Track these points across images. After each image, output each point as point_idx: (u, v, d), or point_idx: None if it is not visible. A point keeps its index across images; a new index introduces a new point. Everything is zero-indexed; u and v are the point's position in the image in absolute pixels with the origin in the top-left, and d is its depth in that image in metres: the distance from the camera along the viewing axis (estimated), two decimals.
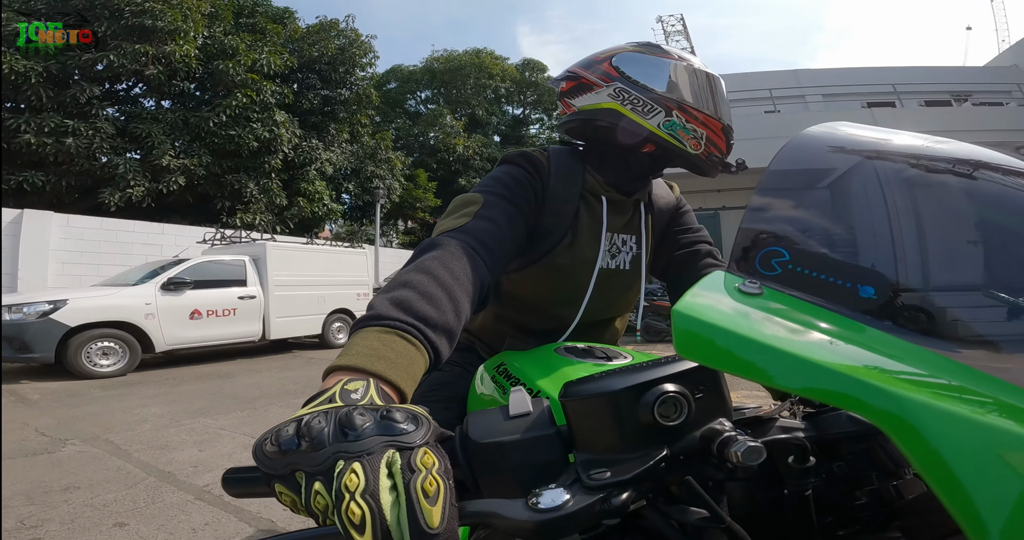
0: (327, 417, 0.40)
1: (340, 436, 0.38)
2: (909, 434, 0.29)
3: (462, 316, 0.64)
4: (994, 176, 0.46)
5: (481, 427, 0.44)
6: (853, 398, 0.31)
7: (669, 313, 0.49)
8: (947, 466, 0.28)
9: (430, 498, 0.36)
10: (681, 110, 0.91)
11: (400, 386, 0.52)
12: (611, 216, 1.00)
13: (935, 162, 0.48)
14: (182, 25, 12.11)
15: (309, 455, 0.38)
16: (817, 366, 0.32)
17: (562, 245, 0.95)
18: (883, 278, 0.39)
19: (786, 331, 0.35)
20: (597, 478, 0.39)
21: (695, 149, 0.93)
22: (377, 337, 0.55)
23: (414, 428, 0.40)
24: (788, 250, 0.40)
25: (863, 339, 0.35)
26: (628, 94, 0.92)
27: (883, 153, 0.50)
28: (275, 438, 0.39)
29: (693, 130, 0.92)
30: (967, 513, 0.27)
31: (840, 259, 0.41)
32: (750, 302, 0.38)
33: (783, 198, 0.46)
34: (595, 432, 0.42)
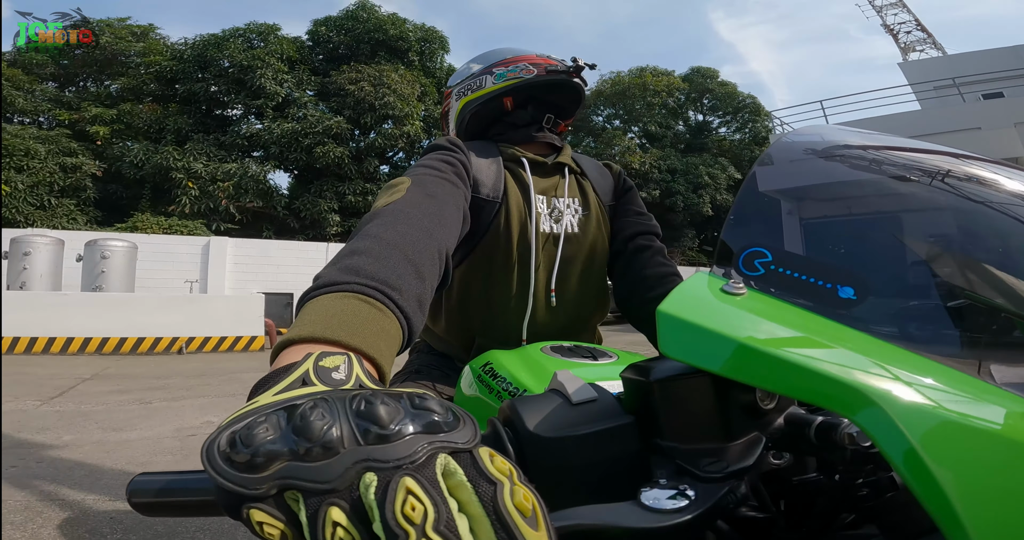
0: (333, 406, 0.28)
1: (362, 436, 0.27)
2: (886, 432, 0.29)
3: (427, 283, 0.56)
4: (971, 179, 0.46)
5: (542, 419, 0.37)
6: (833, 397, 0.31)
7: None
8: (923, 464, 0.28)
9: (530, 520, 0.25)
10: (497, 65, 1.08)
11: (381, 364, 0.41)
12: (537, 178, 1.02)
13: (915, 166, 0.49)
14: (408, 109, 17.24)
15: (314, 465, 0.26)
16: (798, 366, 0.33)
17: (499, 216, 0.96)
18: (862, 279, 0.39)
19: (769, 332, 0.36)
20: (713, 469, 0.35)
21: (530, 74, 1.04)
22: (335, 303, 0.44)
23: (458, 423, 0.29)
24: (771, 251, 0.41)
25: (843, 339, 0.35)
26: (463, 87, 1.12)
27: (865, 157, 0.51)
28: (247, 438, 0.27)
29: (516, 67, 1.05)
30: (943, 511, 0.27)
31: (820, 260, 0.41)
32: (734, 303, 0.38)
33: (766, 199, 0.46)
34: (691, 417, 0.38)
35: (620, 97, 25.28)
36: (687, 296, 0.40)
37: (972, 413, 0.30)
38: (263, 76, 16.90)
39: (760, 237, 0.43)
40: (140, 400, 4.69)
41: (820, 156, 0.51)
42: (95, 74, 19.67)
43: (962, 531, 0.27)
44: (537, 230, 0.98)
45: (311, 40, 19.91)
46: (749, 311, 0.38)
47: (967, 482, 0.28)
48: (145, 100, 18.35)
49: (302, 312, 0.44)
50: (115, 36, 18.77)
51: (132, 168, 15.87)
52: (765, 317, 0.37)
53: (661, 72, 25.53)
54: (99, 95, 18.94)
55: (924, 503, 0.28)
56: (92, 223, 15.13)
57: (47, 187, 14.45)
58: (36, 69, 17.96)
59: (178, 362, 7.53)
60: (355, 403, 0.28)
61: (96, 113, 17.08)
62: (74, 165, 15.17)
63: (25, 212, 13.71)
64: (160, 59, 18.20)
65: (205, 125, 17.74)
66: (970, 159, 0.49)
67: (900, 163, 0.51)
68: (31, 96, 17.02)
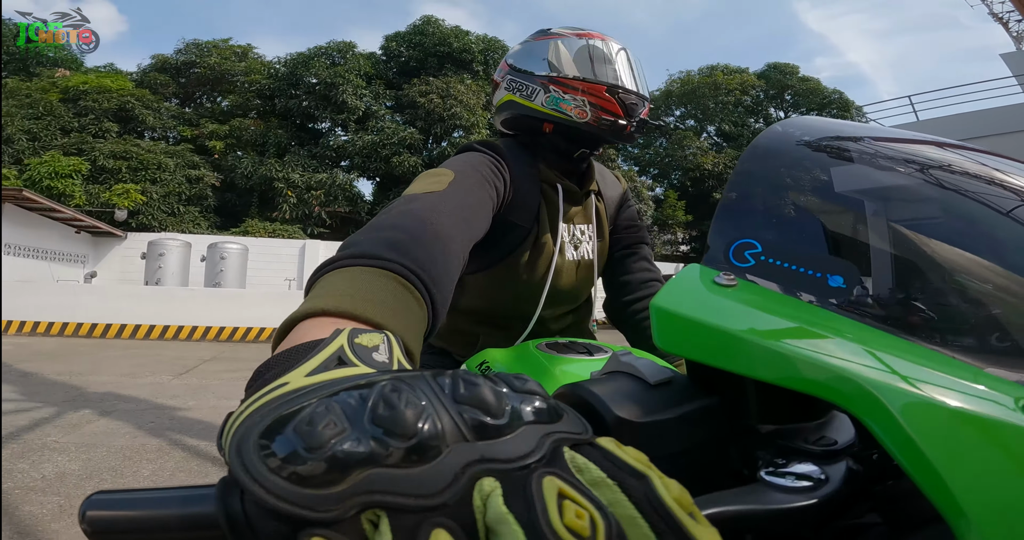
0: (417, 390, 0.21)
1: (467, 429, 0.20)
2: (883, 421, 0.29)
3: (454, 282, 0.52)
4: (968, 170, 0.46)
5: (627, 402, 0.33)
6: (828, 386, 0.31)
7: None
8: (921, 453, 0.28)
9: (691, 514, 0.20)
10: (557, 83, 0.94)
11: (414, 352, 0.37)
12: (567, 206, 1.00)
13: (908, 156, 0.49)
14: (474, 119, 18.16)
15: (412, 472, 0.19)
16: (791, 356, 0.32)
17: (528, 240, 0.95)
18: (851, 267, 0.39)
19: (761, 322, 0.36)
20: (825, 443, 0.34)
21: (581, 117, 0.93)
22: (376, 280, 0.40)
23: (562, 409, 0.24)
24: (760, 242, 0.40)
25: (834, 328, 0.35)
26: (516, 82, 0.99)
27: (856, 146, 0.51)
28: (308, 434, 0.19)
29: (573, 99, 0.93)
30: (945, 500, 0.27)
31: (810, 250, 0.41)
32: (726, 294, 0.38)
33: (755, 190, 0.46)
34: (781, 396, 0.34)
35: (689, 97, 24.80)
36: (680, 289, 0.40)
37: (970, 401, 0.29)
38: (344, 92, 18.68)
39: (750, 228, 0.43)
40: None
41: (810, 146, 0.51)
42: (208, 92, 22.52)
43: (965, 519, 0.27)
44: (561, 259, 0.99)
45: (384, 55, 21.58)
46: (741, 302, 0.38)
47: (968, 470, 0.27)
48: (250, 115, 20.80)
49: (326, 281, 0.38)
50: (221, 56, 21.42)
51: (243, 178, 18.20)
52: (757, 308, 0.37)
53: (733, 70, 24.73)
54: (213, 111, 21.72)
55: (926, 492, 0.28)
56: (212, 228, 17.49)
57: (176, 196, 16.95)
58: (160, 89, 20.85)
59: None
60: (450, 385, 0.21)
61: (212, 129, 19.69)
62: (197, 177, 17.66)
63: (159, 218, 16.21)
64: (259, 78, 20.61)
65: (300, 138, 19.88)
66: (968, 150, 0.49)
67: (892, 152, 0.50)
68: (158, 114, 19.74)
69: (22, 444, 3.16)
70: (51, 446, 3.16)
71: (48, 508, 2.29)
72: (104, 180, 16.00)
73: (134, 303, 10.11)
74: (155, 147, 17.90)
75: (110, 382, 5.27)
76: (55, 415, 3.89)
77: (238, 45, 22.45)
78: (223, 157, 19.31)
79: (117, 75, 20.57)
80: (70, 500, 2.40)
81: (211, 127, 19.77)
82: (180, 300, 10.37)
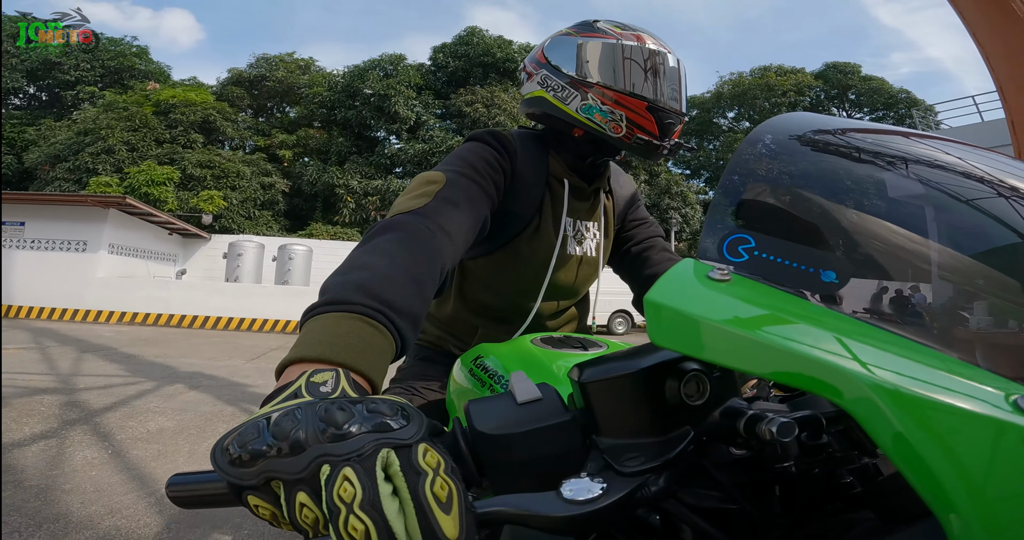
0: (303, 413, 0.35)
1: (321, 436, 0.33)
2: (873, 415, 0.29)
3: (426, 302, 0.59)
4: (959, 166, 0.46)
5: (489, 417, 0.40)
6: (819, 381, 0.31)
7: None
8: (912, 447, 0.28)
9: (444, 505, 0.32)
10: (596, 92, 0.89)
11: (371, 377, 0.46)
12: (572, 201, 0.99)
13: (901, 152, 0.49)
14: (516, 126, 19.52)
15: (286, 460, 0.33)
16: (783, 351, 0.33)
17: (528, 230, 0.95)
18: (843, 263, 0.39)
19: (755, 317, 0.36)
20: (630, 464, 0.37)
21: (616, 132, 0.89)
22: (338, 322, 0.49)
23: (405, 422, 0.36)
24: (753, 237, 0.41)
25: (827, 323, 0.35)
26: (551, 81, 0.93)
27: (847, 142, 0.51)
28: (239, 441, 0.34)
29: (611, 112, 0.89)
30: (935, 494, 0.28)
31: (802, 245, 0.41)
32: (720, 289, 0.38)
33: (749, 185, 0.46)
34: (620, 415, 0.39)
35: (740, 99, 24.28)
36: (674, 284, 0.40)
37: (960, 396, 0.29)
38: (397, 103, 19.93)
39: (743, 223, 0.43)
40: None
41: (803, 142, 0.50)
42: (278, 103, 24.50)
43: (955, 513, 0.27)
44: (563, 252, 0.99)
45: (433, 65, 22.69)
46: (734, 297, 0.38)
47: (958, 465, 0.28)
48: (314, 125, 22.47)
49: (307, 328, 0.48)
50: (287, 70, 23.26)
51: (308, 185, 19.84)
52: (750, 303, 0.38)
53: (788, 70, 23.99)
54: (282, 121, 23.63)
55: (916, 487, 0.28)
56: (283, 230, 19.24)
57: (252, 202, 18.74)
58: (236, 101, 22.91)
59: None
60: (319, 410, 0.35)
61: (282, 139, 21.50)
62: (269, 183, 19.45)
63: (238, 222, 18.01)
64: (320, 89, 22.26)
65: (358, 146, 21.36)
66: (958, 145, 0.49)
67: (886, 148, 0.50)
68: (236, 125, 21.78)
69: (132, 408, 4.11)
70: (153, 410, 4.09)
71: (150, 453, 3.14)
72: (192, 187, 17.96)
73: (216, 298, 11.63)
74: (234, 156, 19.86)
75: (197, 364, 6.38)
76: (155, 388, 4.91)
77: (301, 59, 24.38)
78: (291, 165, 21.05)
79: (200, 89, 22.83)
80: (166, 447, 3.24)
81: (281, 137, 21.62)
82: (254, 296, 11.79)
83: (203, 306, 11.52)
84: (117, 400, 4.34)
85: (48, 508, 2.27)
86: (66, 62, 23.04)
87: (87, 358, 6.39)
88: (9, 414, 3.63)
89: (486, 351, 0.78)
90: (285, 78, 23.01)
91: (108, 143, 18.03)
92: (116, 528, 2.14)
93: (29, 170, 19.71)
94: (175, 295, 11.67)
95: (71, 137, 18.94)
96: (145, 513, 2.29)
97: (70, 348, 7.08)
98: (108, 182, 16.81)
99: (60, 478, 2.61)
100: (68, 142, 18.78)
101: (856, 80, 24.16)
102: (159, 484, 2.63)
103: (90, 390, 4.62)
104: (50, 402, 4.09)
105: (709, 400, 0.40)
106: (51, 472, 2.69)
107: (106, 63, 23.69)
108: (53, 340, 7.78)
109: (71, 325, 10.27)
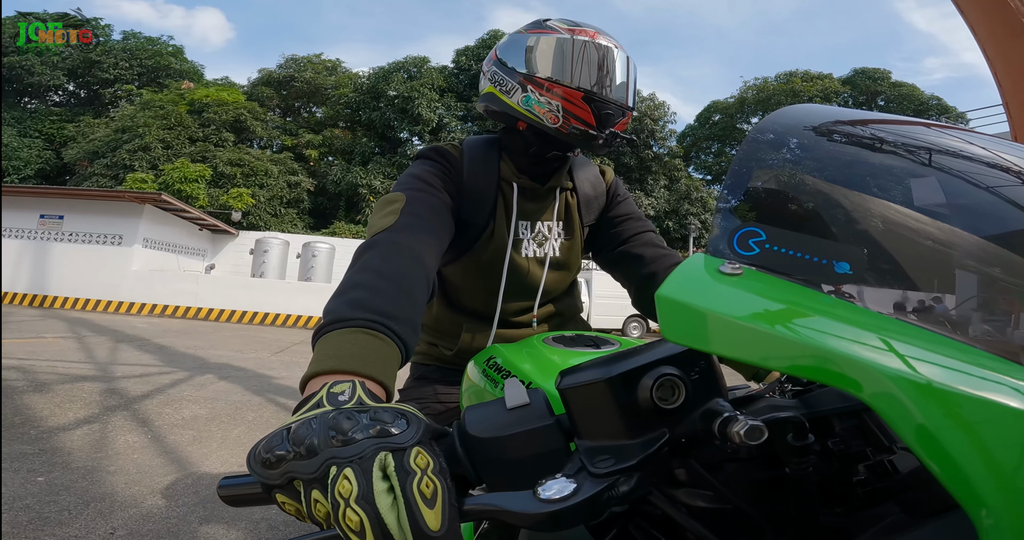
0: (317, 423, 0.40)
1: (331, 441, 0.39)
2: (896, 408, 0.29)
3: (419, 308, 0.66)
4: (972, 154, 0.45)
5: (480, 422, 0.44)
6: (837, 374, 0.31)
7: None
8: (937, 441, 0.28)
9: (428, 500, 0.37)
10: (534, 84, 0.91)
11: (384, 383, 0.53)
12: (523, 202, 1.01)
13: (911, 143, 0.48)
14: None
15: (303, 463, 0.38)
16: (799, 344, 0.32)
17: (484, 235, 0.98)
18: (857, 253, 0.39)
19: (768, 311, 0.36)
20: (602, 465, 0.39)
21: (552, 122, 0.91)
22: (346, 338, 0.55)
23: (405, 428, 0.41)
24: (764, 229, 0.40)
25: (842, 315, 0.35)
26: (498, 76, 0.96)
27: (855, 132, 0.50)
28: (266, 447, 0.40)
29: (548, 102, 0.90)
30: (962, 487, 0.27)
31: (814, 236, 0.41)
32: (731, 283, 0.38)
33: (757, 177, 0.45)
34: (596, 419, 0.41)
35: (765, 104, 23.97)
36: (685, 278, 0.40)
37: (987, 388, 0.29)
38: (420, 105, 20.18)
39: (753, 216, 0.42)
40: None
41: (812, 132, 0.49)
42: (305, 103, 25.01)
43: (982, 504, 0.27)
44: (518, 256, 1.01)
45: (456, 68, 22.92)
46: (747, 291, 0.37)
47: (987, 458, 0.27)
48: (340, 125, 22.88)
49: (319, 347, 0.55)
50: (315, 71, 23.72)
51: (333, 184, 20.24)
52: (763, 296, 0.37)
53: (814, 76, 23.55)
54: (309, 121, 24.11)
55: (942, 480, 0.28)
56: (307, 228, 19.64)
57: (279, 200, 19.17)
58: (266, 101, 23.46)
59: None
60: (330, 419, 0.40)
61: (308, 139, 21.93)
62: (295, 182, 19.86)
63: (264, 219, 18.45)
64: (346, 91, 22.66)
65: (382, 147, 21.70)
66: (975, 135, 0.48)
67: (896, 135, 0.50)
68: (265, 125, 22.28)
69: (167, 396, 4.32)
70: (187, 398, 4.29)
71: (186, 437, 3.31)
72: (222, 184, 18.47)
73: (243, 292, 11.98)
74: (262, 155, 20.36)
75: (225, 355, 6.62)
76: (188, 377, 5.13)
77: (328, 60, 24.83)
78: (317, 164, 21.48)
79: (232, 88, 23.44)
80: (200, 433, 3.42)
81: (307, 137, 22.09)
82: (279, 291, 12.11)
83: (230, 300, 11.89)
84: (153, 388, 4.56)
85: (95, 488, 2.44)
86: (105, 60, 23.90)
87: (122, 348, 6.68)
88: (53, 400, 3.85)
89: (498, 351, 0.80)
90: (313, 79, 23.52)
91: (145, 141, 18.66)
92: (158, 506, 2.29)
93: (68, 165, 20.48)
94: (204, 289, 12.05)
95: (109, 134, 19.64)
96: (184, 493, 2.45)
97: (105, 338, 7.39)
98: (144, 178, 17.39)
99: (105, 460, 2.79)
100: (106, 139, 19.49)
101: (886, 86, 23.75)
102: (196, 467, 2.80)
103: (127, 378, 4.86)
104: (91, 389, 4.32)
105: (686, 403, 0.41)
106: (96, 454, 2.87)
107: (143, 62, 24.49)
108: (89, 330, 8.13)
109: (105, 316, 10.68)
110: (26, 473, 2.51)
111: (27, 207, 12.36)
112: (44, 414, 3.49)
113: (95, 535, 2.02)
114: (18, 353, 5.57)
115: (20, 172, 20.40)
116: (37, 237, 12.35)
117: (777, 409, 0.42)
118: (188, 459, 2.93)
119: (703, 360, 0.42)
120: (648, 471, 0.40)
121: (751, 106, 24.94)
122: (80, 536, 2.00)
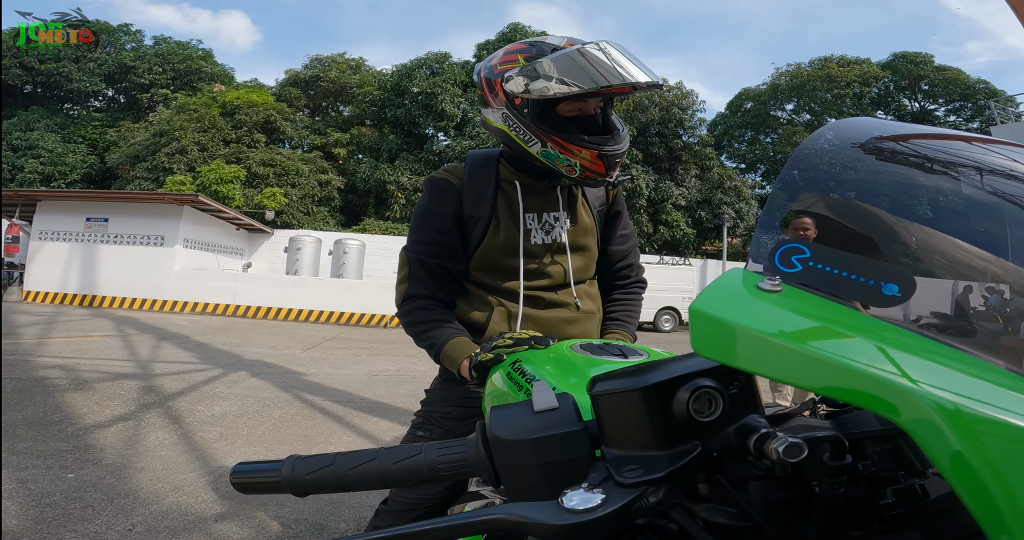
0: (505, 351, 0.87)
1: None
2: (932, 435, 0.28)
3: (459, 327, 1.11)
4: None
5: (506, 423, 0.42)
6: (874, 397, 0.30)
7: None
8: (970, 467, 0.27)
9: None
10: (555, 143, 1.01)
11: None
12: (528, 197, 1.14)
13: (970, 162, 0.46)
14: None
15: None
16: (838, 365, 0.32)
17: (490, 229, 1.13)
18: (907, 276, 0.37)
19: (808, 330, 0.35)
20: (630, 476, 0.38)
21: (571, 174, 1.04)
22: (458, 345, 1.04)
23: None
24: (808, 247, 0.39)
25: (885, 337, 0.34)
26: (512, 121, 1.05)
27: (909, 150, 0.49)
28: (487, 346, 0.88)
29: (567, 160, 1.02)
30: (989, 515, 0.27)
31: (862, 256, 0.39)
32: (770, 300, 0.37)
33: (804, 193, 0.44)
34: (626, 428, 0.40)
35: (799, 91, 23.05)
36: (721, 293, 0.38)
37: (1022, 414, 0.28)
38: (443, 101, 20.14)
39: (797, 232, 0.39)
40: (355, 354, 7.21)
41: (863, 148, 0.47)
42: (332, 103, 25.32)
43: (1008, 534, 0.26)
44: (529, 244, 1.14)
45: (478, 62, 22.46)
46: (786, 309, 0.36)
47: (1015, 486, 0.27)
48: (366, 123, 23.09)
49: (447, 351, 1.04)
50: (339, 70, 23.96)
51: (362, 182, 20.48)
52: (803, 315, 0.36)
53: (851, 61, 22.61)
54: (336, 120, 24.42)
55: (971, 508, 0.27)
56: (338, 225, 19.99)
57: (310, 198, 19.56)
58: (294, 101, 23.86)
59: (383, 332, 10.43)
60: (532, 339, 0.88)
61: (336, 137, 22.23)
62: (326, 180, 20.21)
63: (297, 217, 18.85)
64: (371, 89, 22.79)
65: (408, 143, 21.81)
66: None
67: (955, 156, 0.48)
68: (294, 125, 22.70)
69: (200, 393, 4.45)
70: (218, 395, 4.42)
71: (214, 434, 3.40)
72: (256, 184, 18.94)
73: (278, 289, 12.29)
74: (293, 155, 20.77)
75: (259, 352, 6.80)
76: (221, 374, 5.29)
77: (352, 59, 25.05)
78: (346, 162, 21.79)
79: (261, 90, 23.93)
80: (227, 430, 3.50)
81: (335, 135, 22.39)
82: (311, 288, 12.38)
83: (266, 297, 12.22)
84: (188, 385, 4.70)
85: (121, 484, 2.51)
86: (140, 66, 24.73)
87: (164, 345, 6.93)
88: (92, 397, 4.01)
89: (525, 356, 0.83)
90: (338, 78, 23.78)
91: (181, 144, 19.26)
92: (177, 503, 2.35)
93: (111, 169, 21.34)
94: (242, 286, 12.42)
95: (148, 138, 20.35)
96: (204, 490, 2.49)
97: (149, 336, 7.69)
98: (182, 180, 17.98)
99: (134, 457, 2.87)
100: (146, 143, 20.19)
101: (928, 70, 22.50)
102: (218, 464, 2.86)
103: (165, 376, 5.03)
104: (130, 386, 4.48)
105: (722, 416, 0.40)
106: (127, 451, 2.96)
107: (176, 66, 25.25)
108: (133, 328, 8.47)
109: (150, 314, 11.13)
110: (58, 470, 2.61)
111: (74, 211, 12.92)
112: (83, 412, 3.64)
113: (115, 531, 2.08)
114: (64, 352, 5.84)
115: (67, 177, 21.37)
116: (84, 239, 12.89)
117: (812, 429, 0.41)
118: (212, 456, 2.99)
119: (743, 375, 0.41)
120: (675, 484, 0.39)
121: (784, 93, 24.01)
122: (100, 532, 2.07)
